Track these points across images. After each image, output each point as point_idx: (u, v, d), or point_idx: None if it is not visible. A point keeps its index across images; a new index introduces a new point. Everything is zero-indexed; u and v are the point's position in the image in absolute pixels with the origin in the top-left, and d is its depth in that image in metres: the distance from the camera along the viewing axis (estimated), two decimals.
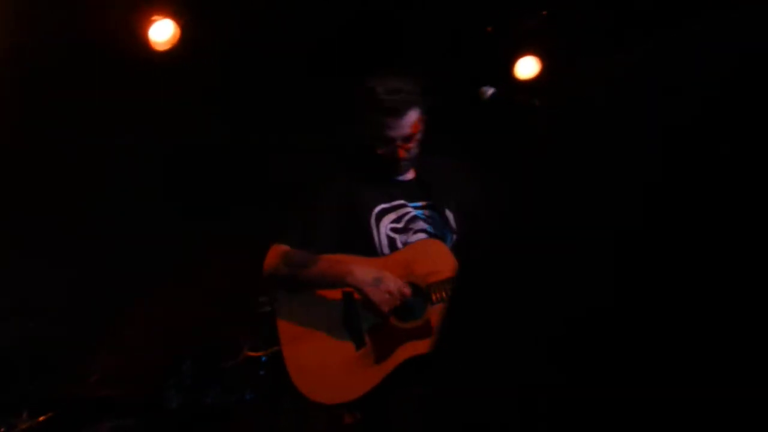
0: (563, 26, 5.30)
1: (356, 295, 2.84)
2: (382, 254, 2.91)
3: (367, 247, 2.92)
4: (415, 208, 3.00)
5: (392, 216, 2.96)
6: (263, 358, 4.41)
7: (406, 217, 2.97)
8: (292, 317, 2.90)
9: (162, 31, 5.15)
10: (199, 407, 4.70)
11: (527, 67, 5.61)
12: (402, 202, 3.00)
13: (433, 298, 2.83)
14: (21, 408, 4.08)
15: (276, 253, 2.93)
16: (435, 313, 2.82)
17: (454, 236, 3.00)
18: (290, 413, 4.21)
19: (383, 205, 2.97)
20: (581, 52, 5.31)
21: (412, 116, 2.92)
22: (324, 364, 2.82)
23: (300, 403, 2.92)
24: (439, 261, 2.87)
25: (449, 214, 3.03)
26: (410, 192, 3.04)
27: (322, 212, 2.96)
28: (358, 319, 2.85)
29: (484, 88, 2.91)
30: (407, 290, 2.80)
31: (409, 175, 3.09)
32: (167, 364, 4.79)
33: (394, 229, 2.94)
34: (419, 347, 2.79)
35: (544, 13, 5.14)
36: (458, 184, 3.06)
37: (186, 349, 4.88)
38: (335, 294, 2.88)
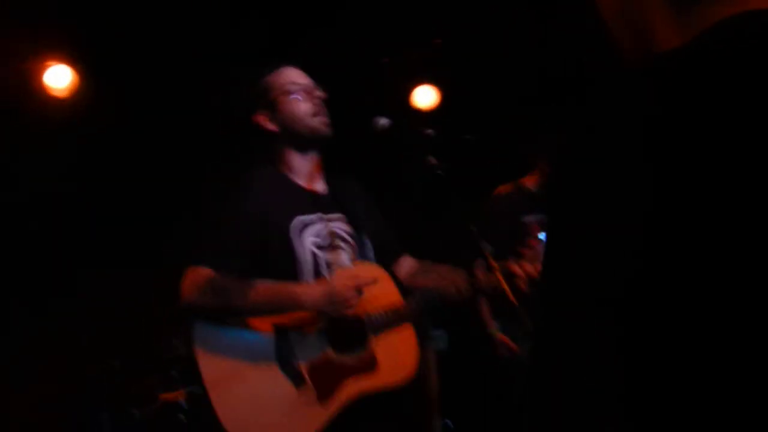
0: (459, 54, 5.42)
1: (303, 322, 2.60)
2: (305, 269, 2.66)
3: (287, 262, 2.65)
4: (333, 220, 2.79)
5: (312, 230, 2.72)
6: (183, 404, 4.23)
7: (326, 232, 2.74)
8: (215, 353, 2.57)
9: (59, 78, 5.14)
10: None
11: (425, 97, 5.73)
12: (320, 215, 2.76)
13: (373, 329, 2.65)
14: None
15: (198, 279, 2.57)
16: (379, 344, 2.66)
17: (370, 250, 2.85)
18: None
19: (301, 217, 2.71)
20: (478, 79, 5.44)
21: (292, 72, 2.86)
22: (261, 407, 2.53)
23: None
24: (377, 288, 2.68)
25: (364, 227, 2.85)
26: (325, 204, 2.82)
27: (236, 226, 2.64)
28: (294, 354, 2.59)
29: (378, 119, 2.90)
30: (355, 283, 2.58)
31: (321, 188, 2.88)
32: (82, 419, 4.66)
33: (316, 245, 2.70)
34: (364, 383, 2.61)
35: (438, 41, 5.25)
36: (369, 209, 2.95)
37: (100, 399, 4.75)
38: (264, 326, 2.60)
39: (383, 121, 2.89)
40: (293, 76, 2.85)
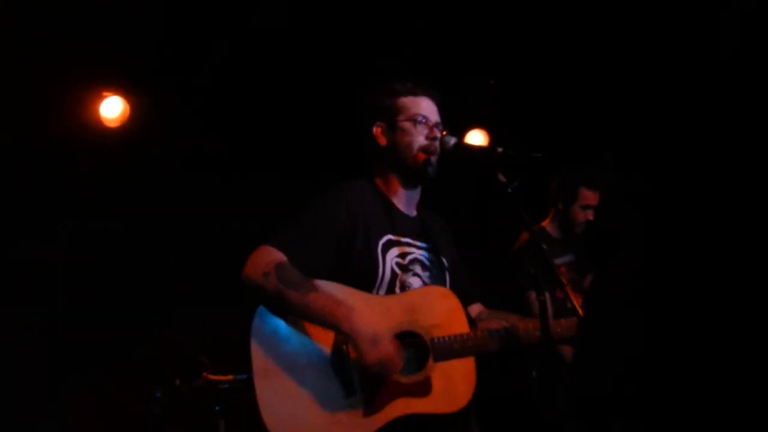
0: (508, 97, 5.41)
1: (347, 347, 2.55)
2: (382, 286, 2.68)
3: (368, 276, 2.67)
4: (419, 248, 2.82)
5: (397, 250, 2.74)
6: (226, 385, 4.03)
7: (410, 256, 2.77)
8: (270, 345, 2.54)
9: (112, 108, 5.22)
10: None
11: (475, 140, 5.73)
12: (409, 240, 2.80)
13: (435, 353, 2.59)
14: None
15: (267, 259, 2.57)
16: (437, 370, 2.58)
17: (447, 285, 2.84)
18: None
19: (390, 236, 2.75)
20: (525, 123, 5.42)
21: (428, 104, 2.88)
22: (305, 408, 2.49)
23: None
24: (446, 314, 2.66)
25: (445, 263, 2.88)
26: (416, 230, 2.85)
27: (324, 232, 2.67)
28: (350, 363, 2.54)
29: (447, 138, 2.88)
30: (400, 362, 2.53)
31: (413, 214, 2.91)
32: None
33: (398, 264, 2.71)
34: (415, 405, 2.55)
35: (493, 82, 5.23)
36: (452, 247, 2.99)
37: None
38: (326, 330, 2.57)
39: (452, 140, 2.87)
40: (427, 110, 2.87)
